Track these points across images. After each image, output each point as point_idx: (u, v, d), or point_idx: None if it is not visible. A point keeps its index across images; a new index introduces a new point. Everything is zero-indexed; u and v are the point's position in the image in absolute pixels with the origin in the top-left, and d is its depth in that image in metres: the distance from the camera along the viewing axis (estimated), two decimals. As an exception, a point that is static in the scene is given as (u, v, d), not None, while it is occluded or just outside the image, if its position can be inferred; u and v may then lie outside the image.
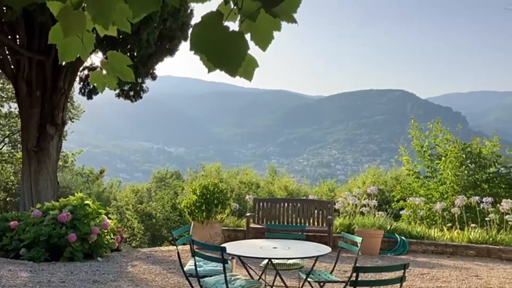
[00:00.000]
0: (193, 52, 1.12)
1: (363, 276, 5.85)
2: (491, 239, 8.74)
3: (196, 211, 8.88)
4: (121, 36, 9.37)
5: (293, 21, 1.15)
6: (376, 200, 9.99)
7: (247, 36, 1.19)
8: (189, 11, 10.21)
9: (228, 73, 1.13)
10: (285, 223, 9.42)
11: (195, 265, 4.13)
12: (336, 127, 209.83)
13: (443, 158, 12.64)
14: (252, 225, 9.04)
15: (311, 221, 9.44)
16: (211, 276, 4.26)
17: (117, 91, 11.19)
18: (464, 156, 12.31)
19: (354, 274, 3.10)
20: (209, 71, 1.20)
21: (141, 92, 11.12)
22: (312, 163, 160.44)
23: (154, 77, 10.94)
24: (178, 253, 4.60)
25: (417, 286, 6.08)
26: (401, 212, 11.25)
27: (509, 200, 9.29)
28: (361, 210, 9.59)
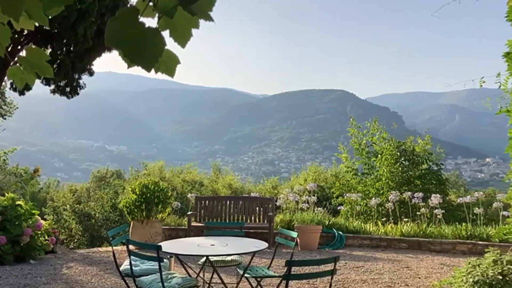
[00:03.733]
0: (110, 47, 1.12)
1: (301, 270, 6.00)
2: (421, 232, 9.22)
3: (136, 210, 8.71)
4: (56, 31, 9.01)
5: (210, 19, 1.17)
6: (316, 196, 10.26)
7: (166, 33, 1.20)
8: (128, 6, 9.97)
9: (144, 68, 1.13)
10: (228, 221, 9.45)
11: (130, 264, 4.06)
12: (280, 125, 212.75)
13: (379, 155, 13.18)
14: (193, 224, 8.98)
15: (252, 218, 9.54)
16: (147, 275, 4.20)
17: (52, 87, 10.75)
18: (398, 153, 12.90)
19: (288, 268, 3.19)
20: (128, 66, 1.20)
21: (78, 88, 10.73)
22: (256, 161, 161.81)
23: (91, 73, 10.59)
24: (113, 253, 4.50)
25: (352, 278, 6.31)
26: (339, 208, 11.62)
27: (437, 195, 9.86)
28: (301, 206, 9.81)
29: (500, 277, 4.79)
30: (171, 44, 1.32)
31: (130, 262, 4.08)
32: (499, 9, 5.86)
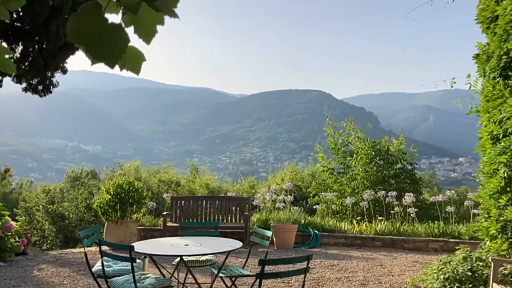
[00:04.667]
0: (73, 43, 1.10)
1: (276, 269, 6.01)
2: (395, 230, 9.37)
3: (110, 211, 8.59)
4: (28, 27, 8.80)
5: (175, 15, 1.16)
6: (293, 196, 10.31)
7: (131, 29, 1.19)
8: (90, 1, 9.81)
9: (108, 65, 1.12)
10: (204, 221, 9.41)
11: (103, 265, 4.00)
12: (258, 125, 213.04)
13: (355, 155, 13.33)
14: (169, 224, 8.91)
15: (229, 218, 9.52)
16: (120, 276, 4.15)
17: (24, 84, 10.51)
18: (373, 153, 13.07)
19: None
20: (92, 63, 1.18)
21: (51, 87, 10.50)
22: (234, 161, 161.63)
23: (64, 71, 10.37)
24: (85, 254, 4.43)
25: (326, 277, 6.37)
26: (315, 207, 11.71)
27: (411, 194, 10.03)
28: (278, 206, 9.84)
29: (470, 273, 4.90)
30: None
31: (102, 263, 4.02)
32: (470, 12, 6.01)
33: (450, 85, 6.31)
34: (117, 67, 1.27)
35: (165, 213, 9.07)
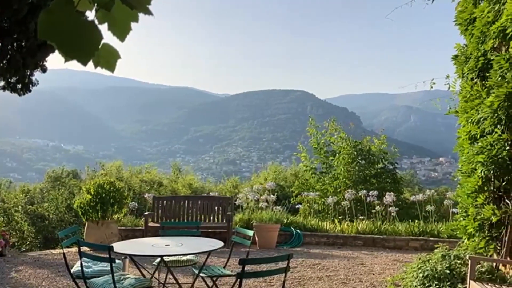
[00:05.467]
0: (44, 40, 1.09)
1: (258, 268, 6.01)
2: (376, 229, 9.46)
3: (91, 211, 8.49)
4: (6, 25, 8.63)
5: (149, 13, 1.15)
6: (276, 195, 10.34)
7: (104, 26, 1.17)
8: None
9: (80, 62, 1.10)
10: (186, 221, 9.36)
11: (81, 266, 3.95)
12: (242, 125, 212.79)
13: (337, 155, 13.43)
14: (151, 224, 8.85)
15: (211, 217, 9.49)
16: (100, 277, 4.10)
17: (2, 83, 10.31)
18: (355, 153, 13.18)
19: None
20: (65, 60, 1.16)
21: (30, 85, 10.31)
22: (218, 161, 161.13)
23: (44, 70, 10.20)
24: (64, 254, 4.37)
25: (308, 276, 6.40)
26: (297, 206, 11.75)
27: (391, 193, 10.14)
28: (260, 205, 9.85)
29: (448, 271, 4.98)
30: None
31: (81, 264, 3.97)
32: (449, 14, 6.10)
33: (430, 86, 6.41)
34: (91, 65, 1.25)
35: (146, 213, 9.01)
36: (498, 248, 4.96)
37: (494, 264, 5.01)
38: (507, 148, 4.90)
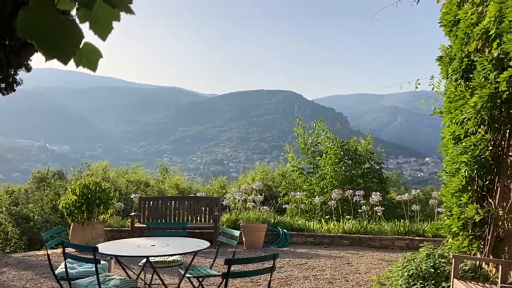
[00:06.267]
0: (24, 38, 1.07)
1: (245, 268, 6.02)
2: (362, 229, 9.52)
3: (76, 211, 8.42)
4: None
5: (131, 12, 1.15)
6: (263, 195, 10.35)
7: (86, 25, 1.16)
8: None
9: (61, 61, 1.09)
10: (173, 221, 9.32)
11: (66, 267, 3.91)
12: (229, 125, 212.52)
13: (324, 155, 13.49)
14: (137, 225, 8.79)
15: (199, 218, 9.47)
16: (84, 278, 4.06)
17: (-15, 82, 10.17)
18: (342, 153, 13.26)
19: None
20: (46, 59, 1.15)
21: (14, 85, 10.19)
22: (205, 161, 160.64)
23: (28, 69, 10.08)
24: (48, 256, 4.32)
25: (294, 275, 6.41)
26: (285, 206, 11.78)
27: (377, 193, 10.22)
28: (248, 205, 9.86)
29: (432, 270, 5.03)
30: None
31: (66, 265, 3.93)
32: (435, 15, 6.15)
33: (415, 86, 6.46)
34: (72, 64, 1.24)
35: (133, 213, 8.95)
36: (481, 246, 5.03)
37: (477, 262, 5.08)
38: (490, 148, 4.98)
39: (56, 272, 4.26)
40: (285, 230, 9.34)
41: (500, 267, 4.47)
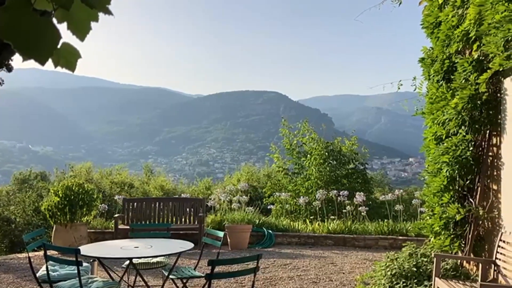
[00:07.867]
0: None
1: (229, 269, 6.01)
2: (347, 229, 9.59)
3: (59, 213, 8.32)
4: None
5: (109, 12, 1.14)
6: (249, 196, 10.35)
7: (64, 26, 1.15)
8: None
9: (38, 62, 1.08)
10: (158, 223, 9.27)
11: (47, 270, 3.86)
12: (215, 126, 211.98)
13: (309, 155, 13.54)
14: (121, 226, 8.73)
15: (183, 219, 9.43)
16: (66, 280, 4.02)
17: (-35, 82, 10.01)
18: (327, 153, 13.33)
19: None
20: (23, 59, 1.14)
21: (-5, 85, 10.05)
22: (191, 162, 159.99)
23: (9, 69, 9.94)
24: (29, 258, 4.26)
25: (279, 276, 6.43)
26: (270, 207, 11.80)
27: (361, 193, 10.30)
28: (233, 206, 9.85)
29: (415, 269, 5.09)
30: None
31: (47, 268, 3.88)
32: (417, 17, 6.23)
33: (397, 87, 6.54)
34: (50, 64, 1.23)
35: (116, 215, 8.88)
36: (462, 245, 5.11)
37: (459, 261, 5.16)
38: (471, 148, 5.06)
39: (38, 274, 4.21)
40: (270, 231, 9.36)
41: (480, 265, 4.55)
